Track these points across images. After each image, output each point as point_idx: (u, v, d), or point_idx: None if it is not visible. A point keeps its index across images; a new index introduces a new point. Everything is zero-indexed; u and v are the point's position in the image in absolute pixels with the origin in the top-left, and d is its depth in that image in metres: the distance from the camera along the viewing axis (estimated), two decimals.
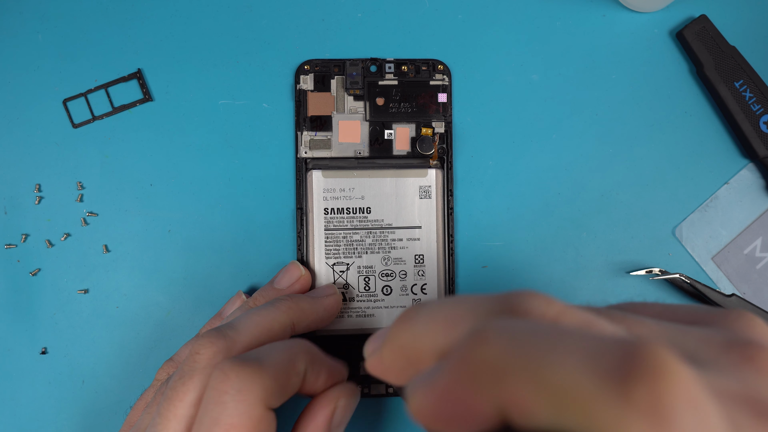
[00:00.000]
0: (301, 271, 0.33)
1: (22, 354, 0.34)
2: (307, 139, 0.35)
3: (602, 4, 0.37)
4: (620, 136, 0.36)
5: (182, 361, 0.28)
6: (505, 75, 0.36)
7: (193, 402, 0.25)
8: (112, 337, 0.34)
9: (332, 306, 0.32)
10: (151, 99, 0.35)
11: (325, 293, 0.33)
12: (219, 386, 0.23)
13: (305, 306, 0.30)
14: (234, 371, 0.23)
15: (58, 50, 0.35)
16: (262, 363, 0.24)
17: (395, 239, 0.35)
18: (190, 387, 0.25)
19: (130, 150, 0.35)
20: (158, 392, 0.28)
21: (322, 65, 0.35)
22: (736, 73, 0.35)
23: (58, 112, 0.35)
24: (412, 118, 0.35)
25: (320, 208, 0.35)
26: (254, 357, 0.25)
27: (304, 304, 0.30)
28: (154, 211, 0.35)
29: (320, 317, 0.31)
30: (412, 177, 0.35)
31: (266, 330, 0.27)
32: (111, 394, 0.34)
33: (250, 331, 0.26)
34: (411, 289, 0.35)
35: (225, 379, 0.23)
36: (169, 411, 0.25)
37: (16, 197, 0.35)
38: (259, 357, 0.25)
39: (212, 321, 0.33)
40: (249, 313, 0.28)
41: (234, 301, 0.33)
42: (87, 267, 0.35)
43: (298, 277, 0.33)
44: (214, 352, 0.25)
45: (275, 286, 0.33)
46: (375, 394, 0.34)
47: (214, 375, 0.24)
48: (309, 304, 0.30)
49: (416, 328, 0.15)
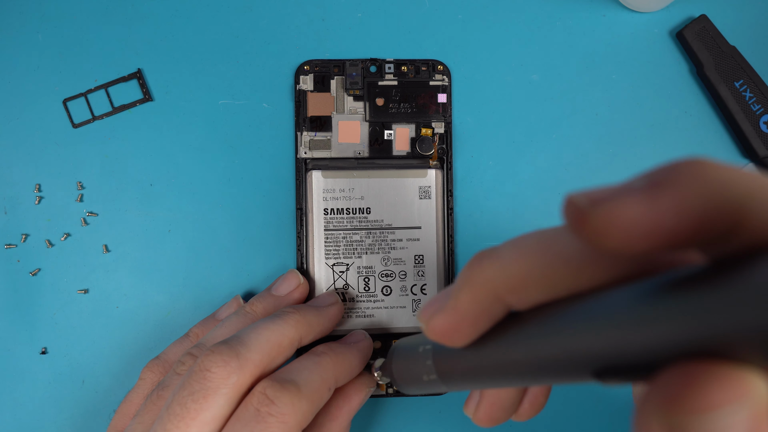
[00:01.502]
0: (300, 279, 0.33)
1: (22, 354, 0.34)
2: (307, 140, 0.35)
3: (602, 4, 0.37)
4: (620, 136, 0.36)
5: (183, 370, 0.27)
6: (505, 75, 0.36)
7: (208, 421, 0.25)
8: (112, 337, 0.34)
9: (336, 316, 0.32)
10: (151, 99, 0.35)
11: (327, 302, 0.32)
12: (263, 409, 0.25)
13: (312, 319, 0.30)
14: (278, 397, 0.25)
15: (58, 50, 0.35)
16: (300, 388, 0.26)
17: (395, 239, 0.35)
18: (204, 406, 0.25)
19: (130, 150, 0.35)
20: (149, 400, 0.28)
21: (321, 65, 0.35)
22: (736, 73, 0.35)
23: (58, 112, 0.35)
24: (412, 119, 0.35)
25: (320, 208, 0.35)
26: (291, 380, 0.26)
27: (311, 317, 0.30)
28: (154, 211, 0.35)
29: (325, 328, 0.31)
30: (412, 177, 0.35)
31: (276, 346, 0.27)
32: (111, 394, 0.34)
33: (261, 348, 0.27)
34: (411, 290, 0.35)
35: (269, 403, 0.25)
36: (179, 429, 0.25)
37: (16, 197, 0.35)
38: (296, 381, 0.26)
39: (206, 321, 0.33)
40: (257, 327, 0.28)
41: (231, 305, 0.33)
42: (87, 267, 0.35)
43: (296, 285, 0.33)
44: (228, 372, 0.25)
45: (273, 293, 0.32)
46: (375, 395, 0.34)
47: (258, 398, 0.25)
48: (315, 316, 0.30)
49: (504, 258, 0.15)
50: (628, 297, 0.13)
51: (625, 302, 0.12)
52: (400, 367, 0.22)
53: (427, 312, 0.17)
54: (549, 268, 0.14)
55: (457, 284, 0.16)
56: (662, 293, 0.12)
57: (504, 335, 0.16)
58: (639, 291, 0.12)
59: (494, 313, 0.16)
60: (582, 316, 0.14)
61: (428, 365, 0.20)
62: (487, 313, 0.16)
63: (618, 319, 0.12)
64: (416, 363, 0.21)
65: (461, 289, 0.16)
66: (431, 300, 0.17)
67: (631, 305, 0.12)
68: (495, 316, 0.16)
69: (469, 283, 0.16)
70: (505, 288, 0.15)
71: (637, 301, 0.12)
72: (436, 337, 0.17)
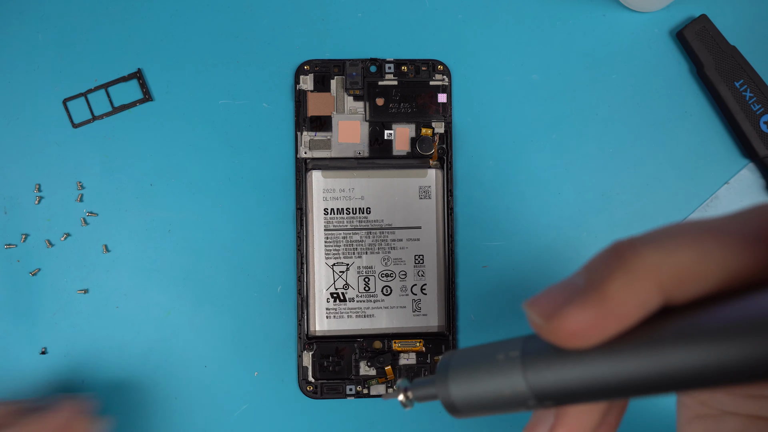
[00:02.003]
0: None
1: (22, 354, 0.34)
2: (307, 140, 0.35)
3: (602, 4, 0.37)
4: (620, 136, 0.36)
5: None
6: (505, 75, 0.36)
7: None
8: (112, 337, 0.34)
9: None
10: (151, 99, 0.35)
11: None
12: None
13: None
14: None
15: (58, 50, 0.35)
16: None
17: (395, 239, 0.35)
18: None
19: (130, 150, 0.35)
20: None
21: (321, 65, 0.35)
22: (736, 73, 0.35)
23: (58, 112, 0.35)
24: (412, 119, 0.35)
25: (320, 208, 0.35)
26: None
27: None
28: (154, 211, 0.35)
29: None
30: (412, 177, 0.35)
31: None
32: (111, 394, 0.34)
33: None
34: (411, 290, 0.35)
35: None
36: None
37: (16, 197, 0.35)
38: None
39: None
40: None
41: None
42: (87, 267, 0.35)
43: None
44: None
45: None
46: (375, 395, 0.34)
47: None
48: None
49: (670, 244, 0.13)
50: None
51: None
52: (466, 383, 0.18)
53: (548, 303, 0.14)
54: (721, 255, 0.13)
55: (602, 273, 0.14)
56: None
57: (653, 334, 0.14)
58: None
59: (649, 307, 0.14)
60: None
61: (515, 376, 0.16)
62: (642, 308, 0.14)
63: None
64: (495, 375, 0.17)
65: (613, 279, 0.13)
66: (549, 290, 0.14)
67: None
68: (647, 312, 0.14)
69: (625, 271, 0.13)
70: (672, 277, 0.13)
71: None
72: (564, 335, 0.14)
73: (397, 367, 0.35)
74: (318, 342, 0.34)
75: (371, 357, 0.34)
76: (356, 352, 0.34)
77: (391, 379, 0.34)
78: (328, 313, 0.34)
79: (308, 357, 0.34)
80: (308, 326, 0.34)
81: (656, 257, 0.13)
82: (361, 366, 0.34)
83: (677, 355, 0.13)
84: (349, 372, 0.34)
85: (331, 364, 0.34)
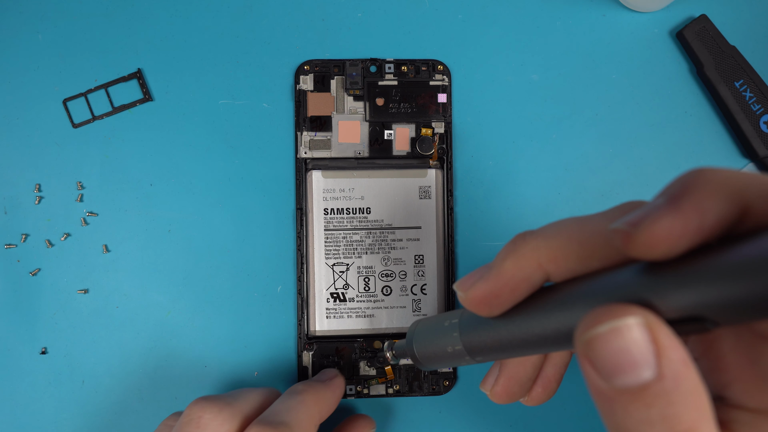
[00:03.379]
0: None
1: (22, 354, 0.34)
2: (307, 140, 0.35)
3: (602, 4, 0.37)
4: (620, 136, 0.36)
5: None
6: (505, 75, 0.36)
7: None
8: (112, 337, 0.34)
9: (342, 387, 0.33)
10: (151, 99, 0.35)
11: (328, 376, 0.33)
12: None
13: (329, 396, 0.31)
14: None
15: (58, 50, 0.35)
16: (292, 428, 0.26)
17: (395, 239, 0.35)
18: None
19: (130, 150, 0.35)
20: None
21: (321, 65, 0.35)
22: (736, 73, 0.35)
23: (58, 112, 0.35)
24: (412, 119, 0.35)
25: (320, 208, 0.35)
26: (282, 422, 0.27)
27: (327, 394, 0.31)
28: (154, 211, 0.35)
29: (334, 404, 0.32)
30: (412, 177, 0.35)
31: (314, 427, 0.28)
32: (111, 394, 0.34)
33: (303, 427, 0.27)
34: (411, 290, 0.35)
35: None
36: None
37: (16, 197, 0.35)
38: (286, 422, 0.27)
39: None
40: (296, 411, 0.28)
41: None
42: (87, 267, 0.35)
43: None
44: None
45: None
46: (375, 395, 0.34)
47: None
48: (326, 392, 0.31)
49: (547, 232, 0.17)
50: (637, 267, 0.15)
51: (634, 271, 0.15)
52: (424, 342, 0.24)
53: (467, 282, 0.19)
54: (585, 240, 0.17)
55: (500, 256, 0.18)
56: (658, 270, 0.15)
57: (537, 303, 0.18)
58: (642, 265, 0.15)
59: (534, 281, 0.18)
60: (607, 284, 0.16)
61: (454, 337, 0.21)
62: (528, 281, 0.18)
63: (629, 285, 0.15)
64: (441, 336, 0.22)
65: (506, 258, 0.18)
66: (469, 274, 0.19)
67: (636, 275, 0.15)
68: (533, 285, 0.18)
69: (514, 252, 0.18)
70: (547, 257, 0.17)
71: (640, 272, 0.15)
72: (474, 304, 0.19)
73: (397, 367, 0.35)
74: (318, 342, 0.34)
75: (371, 357, 0.34)
76: (356, 352, 0.34)
77: (392, 379, 0.34)
78: (328, 313, 0.34)
79: (308, 357, 0.34)
80: (308, 326, 0.34)
81: (536, 242, 0.17)
82: (361, 366, 0.34)
83: (549, 319, 0.17)
84: (349, 372, 0.34)
85: (331, 364, 0.34)
